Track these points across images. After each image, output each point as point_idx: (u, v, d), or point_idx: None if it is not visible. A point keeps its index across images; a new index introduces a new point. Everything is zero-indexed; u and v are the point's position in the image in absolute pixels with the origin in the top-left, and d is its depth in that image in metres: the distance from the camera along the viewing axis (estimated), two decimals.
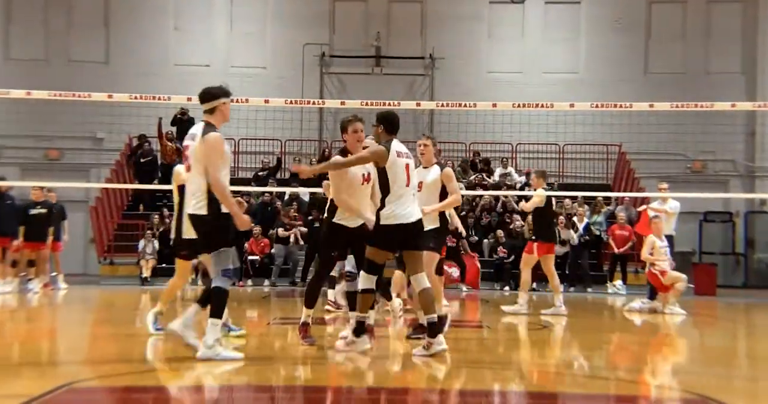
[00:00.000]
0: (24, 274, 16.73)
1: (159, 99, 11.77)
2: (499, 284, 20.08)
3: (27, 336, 9.92)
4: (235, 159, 23.84)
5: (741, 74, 24.92)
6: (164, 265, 19.95)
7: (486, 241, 21.10)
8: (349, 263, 8.18)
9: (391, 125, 7.81)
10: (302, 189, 19.48)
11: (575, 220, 20.26)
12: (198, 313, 7.56)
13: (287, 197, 21.56)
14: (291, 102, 14.40)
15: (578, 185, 22.86)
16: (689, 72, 24.82)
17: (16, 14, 24.95)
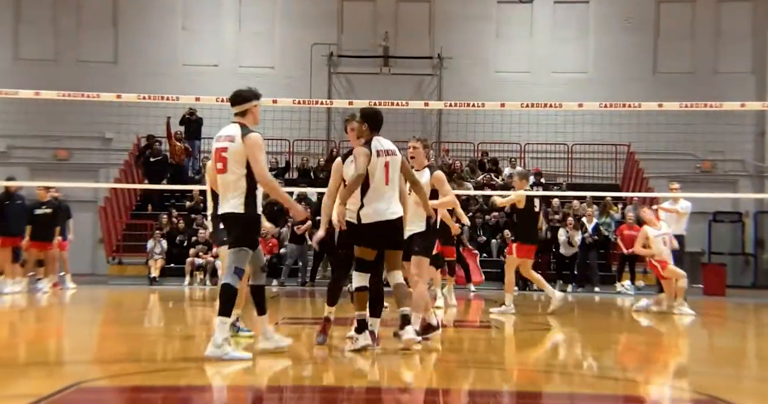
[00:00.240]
0: (33, 274, 16.78)
1: (167, 99, 11.79)
2: None
3: (36, 335, 9.95)
4: None
5: (751, 74, 24.84)
6: (172, 265, 20.02)
7: (494, 241, 21.08)
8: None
9: (375, 122, 7.84)
10: (310, 189, 19.48)
11: (584, 220, 20.21)
12: (264, 321, 7.56)
13: (295, 197, 21.55)
14: (299, 102, 14.41)
15: (587, 185, 22.81)
16: (698, 71, 24.75)
17: (25, 14, 25.03)
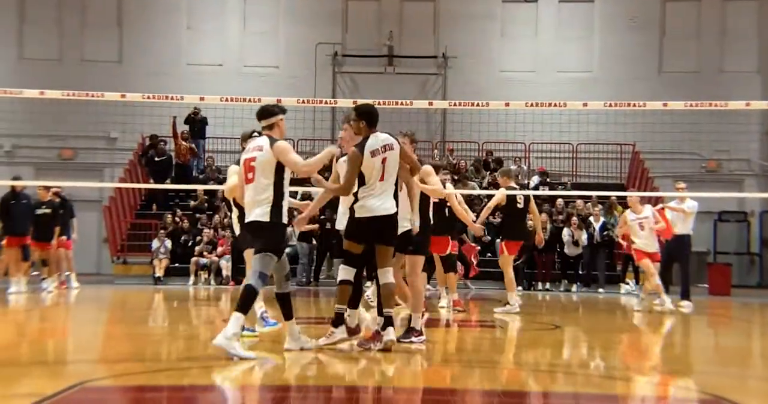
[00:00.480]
0: (37, 273, 16.79)
1: (172, 98, 11.76)
2: None
3: (40, 335, 9.95)
4: None
5: (756, 73, 24.78)
6: (177, 264, 20.03)
7: (498, 241, 21.01)
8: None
9: (371, 118, 7.87)
10: (315, 189, 19.45)
11: (591, 220, 20.18)
12: (292, 324, 7.61)
13: (299, 196, 21.54)
14: (303, 101, 14.36)
15: (592, 185, 22.77)
16: (704, 71, 24.69)
17: (30, 14, 25.07)
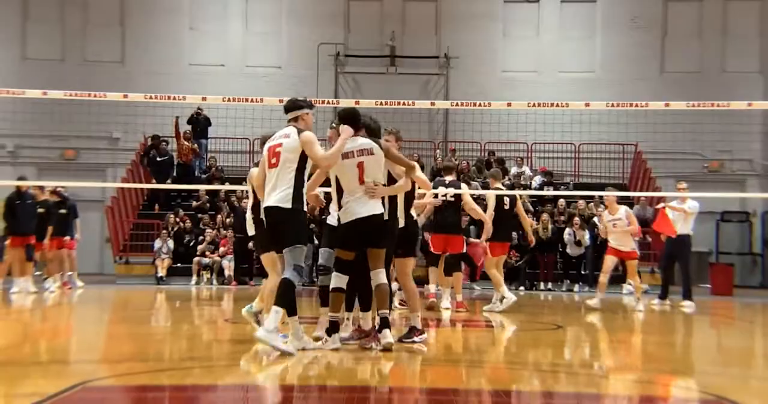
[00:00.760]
0: (39, 273, 16.80)
1: (174, 99, 11.78)
2: (514, 284, 20.00)
3: (42, 334, 9.97)
4: (250, 158, 23.88)
5: (758, 73, 24.78)
6: (179, 264, 20.05)
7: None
8: (322, 257, 8.10)
9: (354, 122, 7.86)
10: (318, 189, 19.46)
11: (596, 220, 20.16)
12: (295, 321, 7.60)
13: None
14: None
15: (594, 185, 22.74)
16: (706, 71, 24.69)
17: (32, 14, 25.12)
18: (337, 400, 5.98)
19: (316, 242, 20.04)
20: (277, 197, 7.43)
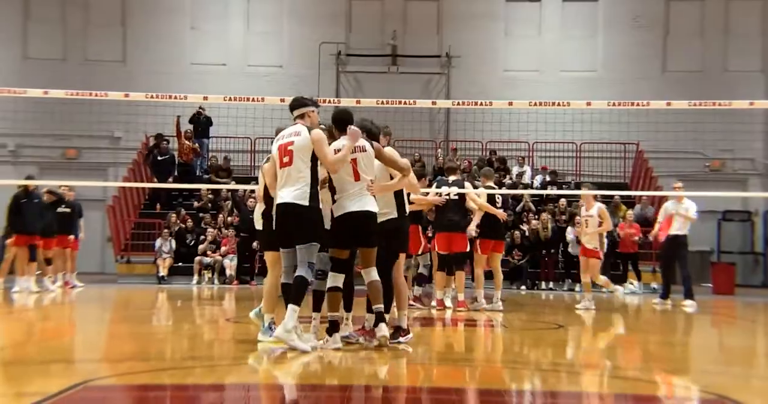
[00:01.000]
0: (39, 272, 16.80)
1: (175, 98, 11.78)
2: (516, 284, 20.01)
3: (44, 334, 9.97)
4: (252, 157, 23.90)
5: (760, 72, 24.76)
6: (181, 264, 20.05)
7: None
8: (321, 262, 8.06)
9: (341, 123, 8.02)
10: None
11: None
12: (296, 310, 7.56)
13: None
14: None
15: (595, 184, 22.71)
16: (708, 70, 24.68)
17: (34, 13, 25.12)
18: (338, 399, 5.97)
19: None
20: (294, 194, 7.44)
